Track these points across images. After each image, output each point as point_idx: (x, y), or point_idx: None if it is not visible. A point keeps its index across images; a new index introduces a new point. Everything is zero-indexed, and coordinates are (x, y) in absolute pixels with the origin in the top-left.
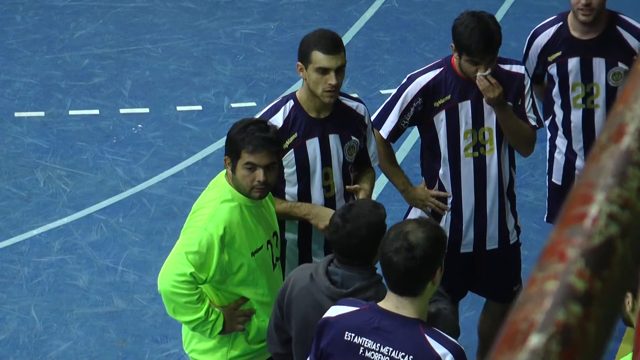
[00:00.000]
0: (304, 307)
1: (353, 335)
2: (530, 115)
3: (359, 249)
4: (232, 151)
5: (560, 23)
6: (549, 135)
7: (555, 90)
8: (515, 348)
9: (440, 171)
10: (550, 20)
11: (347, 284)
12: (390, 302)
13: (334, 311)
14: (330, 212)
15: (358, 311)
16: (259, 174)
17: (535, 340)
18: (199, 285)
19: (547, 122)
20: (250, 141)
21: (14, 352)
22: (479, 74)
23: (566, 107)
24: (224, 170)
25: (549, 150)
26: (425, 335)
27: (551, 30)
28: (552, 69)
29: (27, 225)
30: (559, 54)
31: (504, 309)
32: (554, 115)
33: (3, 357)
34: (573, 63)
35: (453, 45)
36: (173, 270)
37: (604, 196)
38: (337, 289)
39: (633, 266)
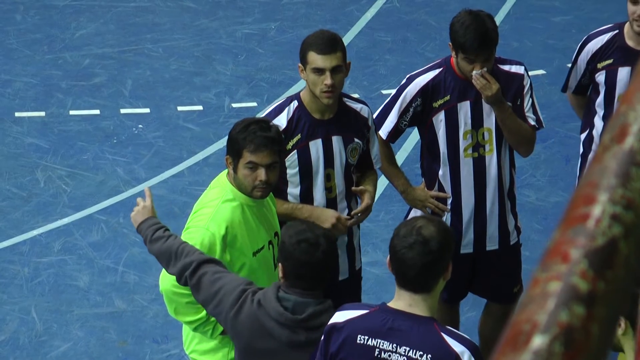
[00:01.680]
0: (248, 332)
1: (366, 337)
2: (530, 115)
3: (331, 267)
4: (234, 150)
5: (616, 31)
6: (581, 150)
7: (600, 100)
8: (518, 349)
9: (440, 172)
10: (606, 28)
11: (299, 310)
12: (402, 301)
13: (341, 316)
14: (332, 213)
15: (368, 314)
16: (261, 174)
17: (538, 341)
18: None
19: (582, 136)
20: (252, 140)
21: (14, 353)
22: (474, 72)
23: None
24: (226, 170)
25: (580, 167)
26: (442, 333)
27: (605, 37)
28: (600, 77)
29: (27, 225)
30: (610, 61)
31: (505, 310)
32: (592, 128)
33: (3, 357)
34: (623, 73)
35: (450, 43)
36: None
37: (607, 197)
38: (291, 315)
39: (636, 267)
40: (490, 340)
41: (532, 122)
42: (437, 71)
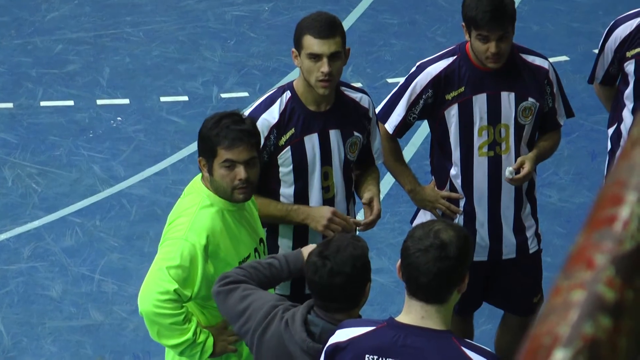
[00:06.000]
0: (272, 353)
1: (376, 357)
2: (560, 113)
3: (344, 289)
4: (207, 150)
5: None
6: (609, 146)
7: (629, 91)
8: None
9: (452, 171)
10: (637, 11)
11: (326, 338)
12: (413, 314)
13: (343, 334)
14: (326, 209)
15: (374, 330)
16: (240, 172)
17: (560, 356)
18: (184, 304)
19: (610, 131)
20: (225, 136)
21: None
22: (507, 175)
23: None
24: (199, 175)
25: (607, 164)
26: (462, 347)
27: (635, 22)
28: (629, 66)
29: None
30: None
31: (524, 322)
32: (620, 122)
33: None
34: None
35: (463, 24)
36: (154, 288)
37: (636, 196)
38: (315, 344)
39: None
40: (507, 355)
41: (562, 122)
42: (450, 59)
